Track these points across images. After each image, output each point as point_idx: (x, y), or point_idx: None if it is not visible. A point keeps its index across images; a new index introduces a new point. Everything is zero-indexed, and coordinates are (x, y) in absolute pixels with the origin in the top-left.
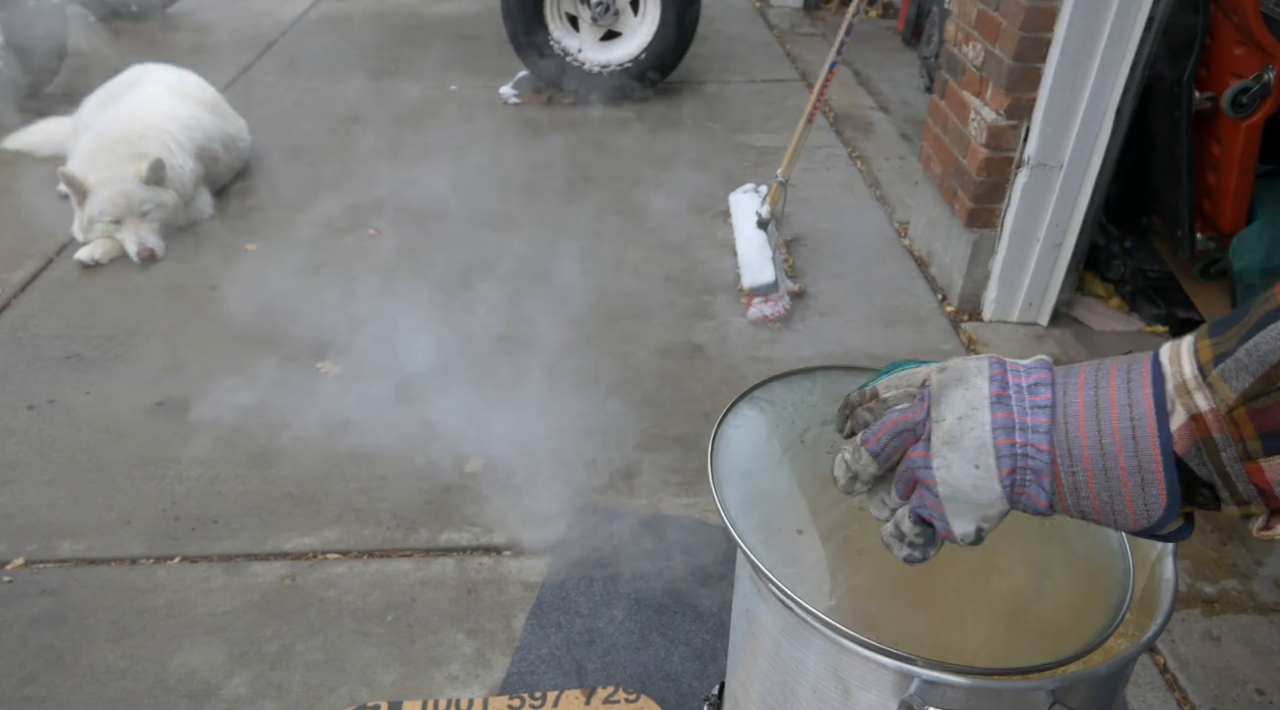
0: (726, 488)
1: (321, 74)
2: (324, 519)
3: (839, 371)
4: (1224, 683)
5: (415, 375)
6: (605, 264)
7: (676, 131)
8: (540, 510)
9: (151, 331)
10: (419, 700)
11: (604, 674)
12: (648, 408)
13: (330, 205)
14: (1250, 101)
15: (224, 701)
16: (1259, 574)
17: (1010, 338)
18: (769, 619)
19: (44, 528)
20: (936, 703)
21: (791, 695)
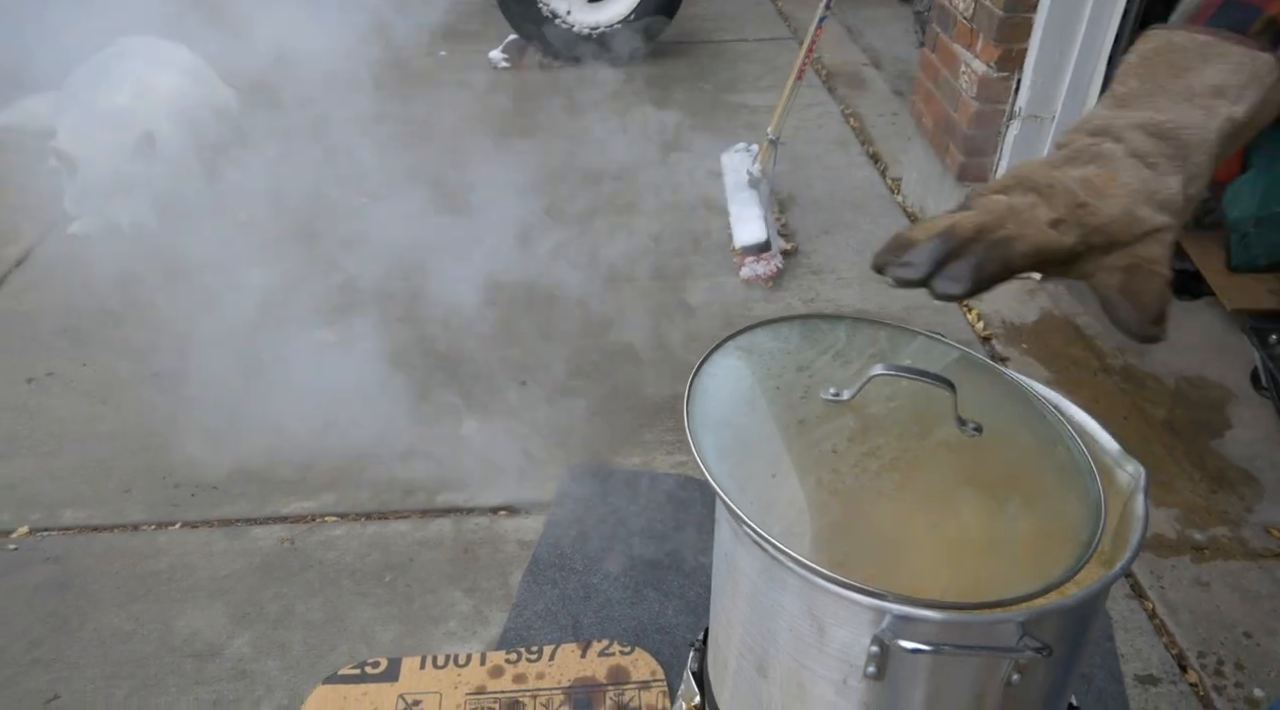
0: (703, 435)
1: (308, 42)
2: (321, 483)
3: (815, 320)
4: (1212, 627)
5: (414, 342)
6: (596, 226)
7: (667, 92)
8: (535, 471)
9: (147, 303)
10: (418, 656)
11: (599, 628)
12: (640, 368)
13: (320, 174)
14: None
15: (228, 660)
16: (1249, 521)
17: (1003, 291)
18: (746, 562)
19: (46, 497)
20: (908, 637)
21: (770, 636)
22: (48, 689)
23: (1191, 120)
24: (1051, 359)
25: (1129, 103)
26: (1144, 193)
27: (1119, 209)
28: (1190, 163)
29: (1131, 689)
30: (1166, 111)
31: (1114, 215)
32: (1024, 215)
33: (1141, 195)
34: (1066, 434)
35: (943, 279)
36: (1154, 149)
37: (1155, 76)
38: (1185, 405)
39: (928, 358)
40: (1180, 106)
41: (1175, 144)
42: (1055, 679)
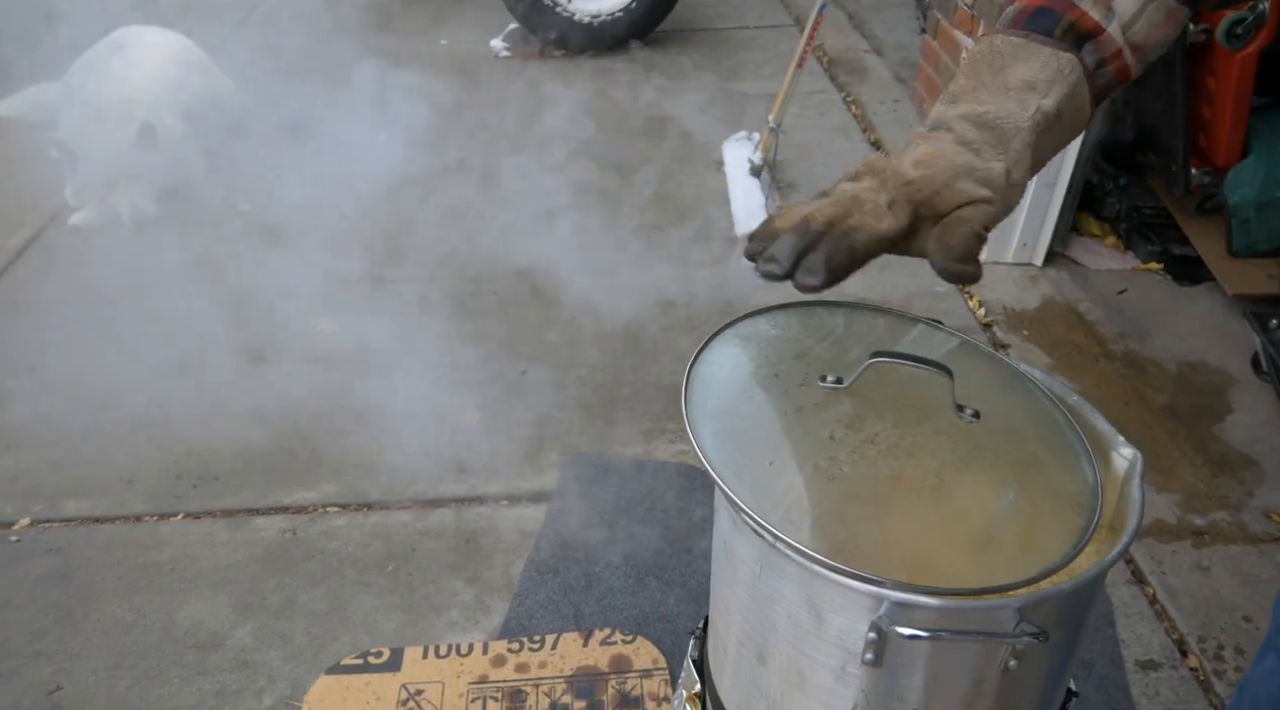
0: (701, 423)
1: (309, 34)
2: (323, 473)
3: (814, 307)
4: (1212, 611)
5: (413, 334)
6: (597, 216)
7: (669, 80)
8: (537, 461)
9: (148, 293)
10: (420, 646)
11: (601, 617)
12: (641, 356)
13: (323, 165)
14: (1245, 33)
15: (230, 651)
16: (1249, 505)
17: (1005, 278)
18: (744, 549)
19: (48, 488)
20: (906, 623)
21: (769, 623)
22: (50, 680)
23: (1008, 111)
24: (1053, 345)
25: (958, 98)
26: (966, 169)
27: (941, 182)
28: (1010, 149)
29: (1132, 674)
30: (987, 103)
31: (937, 188)
32: (866, 203)
33: (963, 171)
34: (1064, 420)
35: (801, 273)
36: (977, 137)
37: (979, 74)
38: (1186, 390)
39: (926, 345)
40: (999, 99)
41: (996, 132)
42: (1053, 664)
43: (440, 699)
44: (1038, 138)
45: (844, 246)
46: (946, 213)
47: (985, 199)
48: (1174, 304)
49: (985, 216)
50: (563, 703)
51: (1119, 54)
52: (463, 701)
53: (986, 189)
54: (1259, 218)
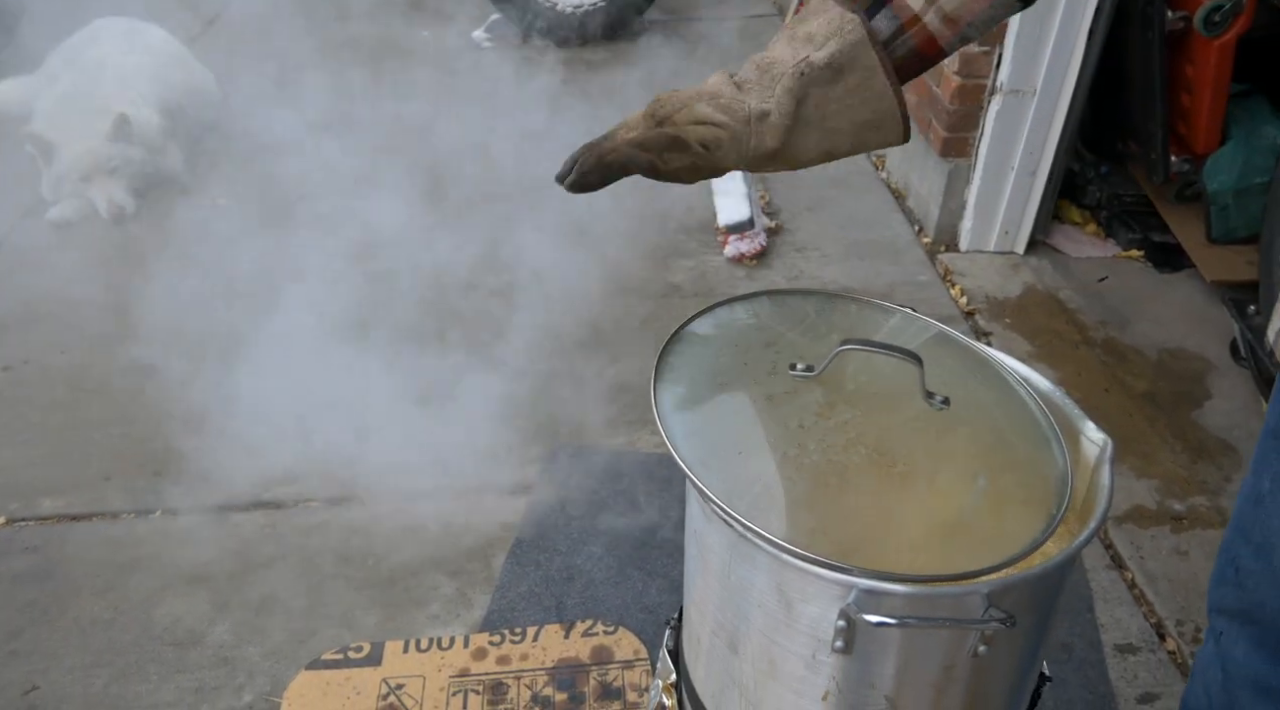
0: (670, 414)
1: (288, 26)
2: (302, 469)
3: (786, 296)
4: (1190, 595)
5: (393, 327)
6: (579, 208)
7: (652, 71)
8: (517, 453)
9: (124, 289)
10: (401, 640)
11: (583, 608)
12: (623, 347)
13: (303, 159)
14: (1223, 20)
15: (209, 648)
16: (1227, 490)
17: (987, 267)
18: (715, 539)
19: (24, 486)
20: (874, 611)
21: (740, 612)
22: (26, 680)
23: (781, 57)
24: (1034, 333)
25: (764, 45)
26: (710, 94)
27: (681, 101)
28: (775, 91)
29: (1111, 658)
30: (772, 50)
31: (677, 106)
32: (628, 121)
33: (707, 95)
34: (1035, 406)
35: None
36: (751, 77)
37: (785, 28)
38: (1166, 377)
39: (901, 333)
40: (782, 47)
41: (766, 75)
42: (1024, 649)
43: (421, 693)
44: (805, 88)
45: (595, 153)
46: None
47: (714, 121)
48: (1154, 291)
49: (707, 134)
50: (544, 694)
51: (917, 21)
52: (444, 695)
53: (722, 114)
54: (1237, 204)
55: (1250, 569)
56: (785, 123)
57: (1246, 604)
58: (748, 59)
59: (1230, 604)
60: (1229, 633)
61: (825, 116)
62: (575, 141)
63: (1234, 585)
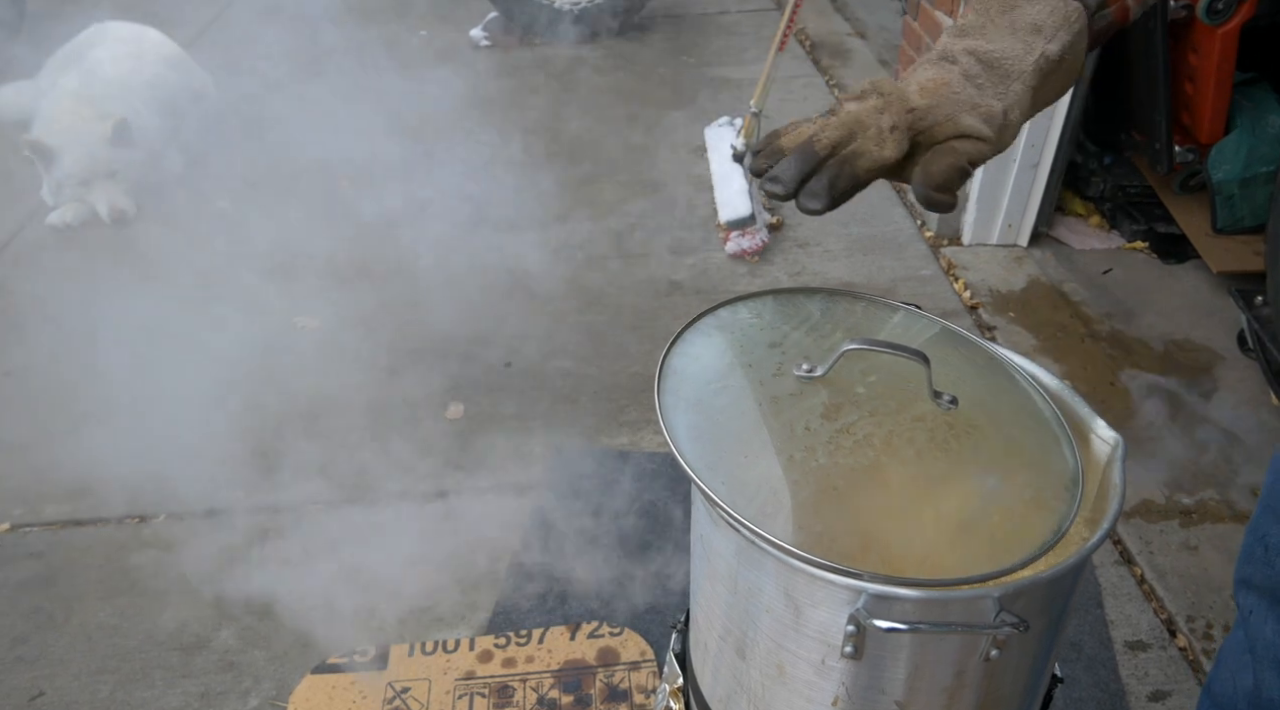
0: (675, 416)
1: (288, 25)
2: (305, 471)
3: (791, 295)
4: (1200, 590)
5: (394, 328)
6: (582, 204)
7: (650, 67)
8: (522, 453)
9: (126, 292)
10: (406, 643)
11: (588, 610)
12: (625, 346)
13: (302, 159)
14: (1226, 8)
15: (214, 653)
16: (1236, 483)
17: (990, 260)
18: (721, 544)
19: (28, 492)
20: (884, 616)
21: (748, 617)
22: (32, 686)
23: (1013, 51)
24: (1039, 327)
25: (966, 33)
26: (969, 103)
27: (944, 114)
28: (1010, 89)
29: (1121, 655)
30: (994, 41)
31: (940, 119)
32: (869, 128)
33: (966, 105)
34: (1044, 404)
35: (805, 196)
36: (981, 73)
37: (988, 11)
38: (1173, 369)
39: (906, 331)
40: (1005, 38)
41: (999, 71)
42: (1036, 652)
43: (427, 696)
44: (1041, 82)
45: (846, 172)
46: (941, 138)
47: (980, 136)
48: (1159, 282)
49: (976, 152)
50: (550, 697)
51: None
52: (450, 698)
53: (986, 126)
54: (1243, 194)
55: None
56: (1022, 119)
57: (1276, 582)
58: (951, 45)
59: (1259, 581)
60: (1258, 612)
61: (1044, 97)
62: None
63: (1263, 563)
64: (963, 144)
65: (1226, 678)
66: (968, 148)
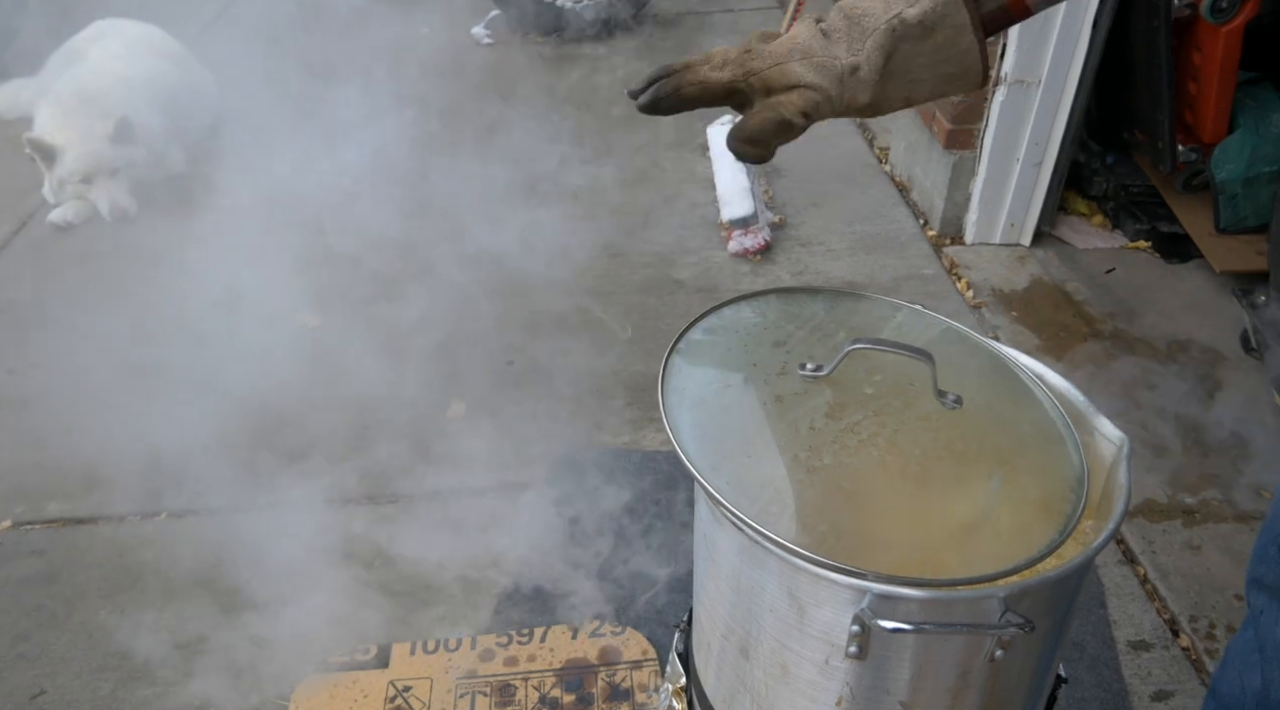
0: (679, 414)
1: (288, 25)
2: (307, 470)
3: (794, 294)
4: (1203, 590)
5: (398, 327)
6: (584, 203)
7: (653, 65)
8: (524, 451)
9: (128, 291)
10: (408, 642)
11: (590, 608)
12: (628, 344)
13: (303, 158)
14: (1230, 6)
15: (216, 650)
16: (1239, 483)
17: (993, 259)
18: (725, 543)
19: (30, 490)
20: (889, 616)
21: (751, 617)
22: (33, 684)
23: (873, 10)
24: (1041, 326)
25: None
26: (803, 51)
27: (775, 58)
28: (864, 47)
29: (1124, 655)
30: (862, 1)
31: (770, 62)
32: (715, 58)
33: (800, 53)
34: (1049, 404)
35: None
36: (840, 26)
37: None
38: (1176, 368)
39: (910, 330)
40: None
41: (857, 27)
42: (1041, 652)
43: (429, 695)
44: (895, 44)
45: (673, 81)
46: (776, 88)
47: (810, 85)
48: (1162, 282)
49: (805, 102)
50: (552, 696)
51: None
52: (451, 697)
53: (818, 76)
54: (1246, 194)
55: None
56: (874, 78)
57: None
58: (835, 5)
59: (1272, 581)
60: (1269, 612)
61: (910, 69)
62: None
63: (1275, 563)
64: (790, 96)
65: (1233, 678)
66: (795, 99)
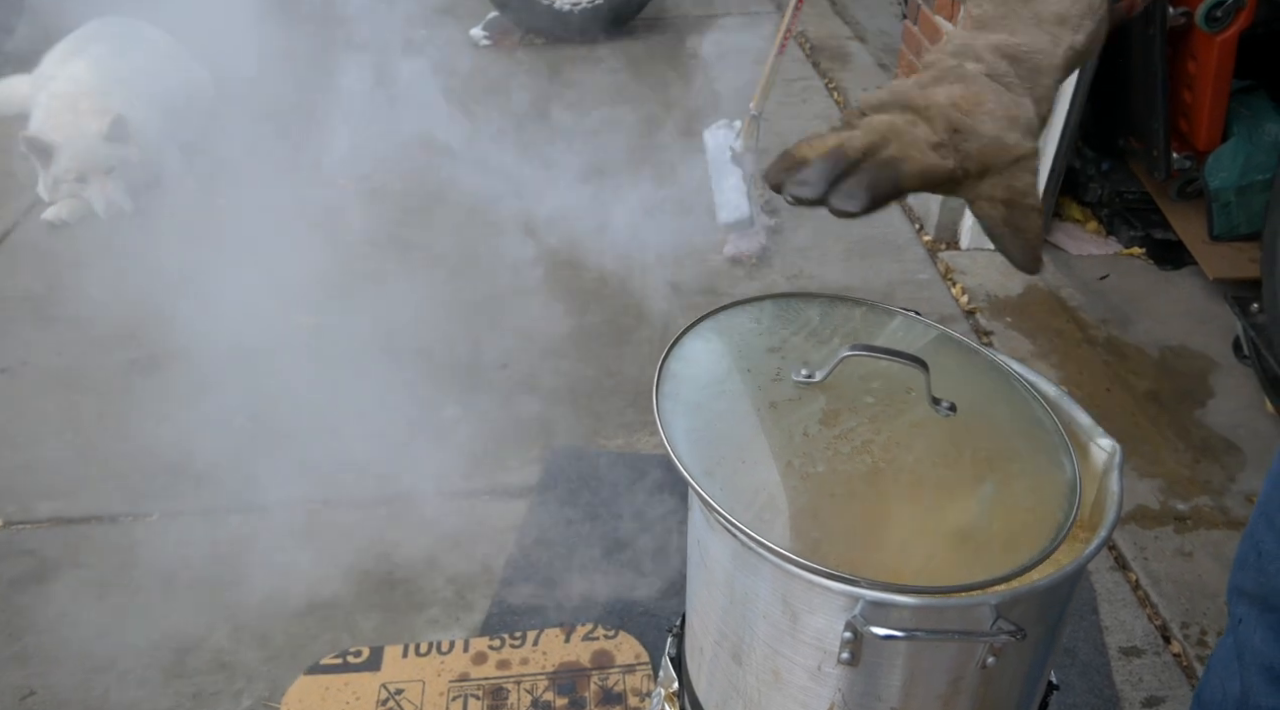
0: (673, 420)
1: (286, 26)
2: (301, 470)
3: (789, 299)
4: (1195, 597)
5: (397, 328)
6: (579, 205)
7: (651, 68)
8: (518, 455)
9: (122, 289)
10: (400, 644)
11: (583, 612)
12: (622, 348)
13: (300, 158)
14: (1224, 15)
15: (208, 652)
16: (1231, 490)
17: (988, 265)
18: (718, 548)
19: (22, 489)
20: (881, 623)
21: (744, 623)
22: (24, 685)
23: (1041, 45)
24: (1035, 332)
25: (986, 25)
26: (1008, 117)
27: (989, 136)
28: (1040, 85)
29: (1115, 661)
30: (1020, 34)
31: (985, 142)
32: (906, 136)
33: (1006, 120)
34: (1042, 411)
35: (839, 196)
36: (1008, 70)
37: (1009, 2)
38: (1168, 376)
39: (904, 337)
40: (1031, 31)
41: (1027, 67)
42: (1033, 659)
43: (421, 698)
44: (1065, 76)
45: (888, 174)
46: (995, 168)
47: (1030, 152)
48: (1156, 288)
49: (1035, 178)
50: (544, 699)
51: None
52: (443, 700)
53: (1029, 139)
54: (1239, 201)
55: (1273, 553)
56: (1049, 112)
57: (1267, 590)
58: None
59: (1251, 588)
60: (1248, 620)
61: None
62: None
63: (1255, 570)
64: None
65: (1216, 685)
66: (1029, 178)
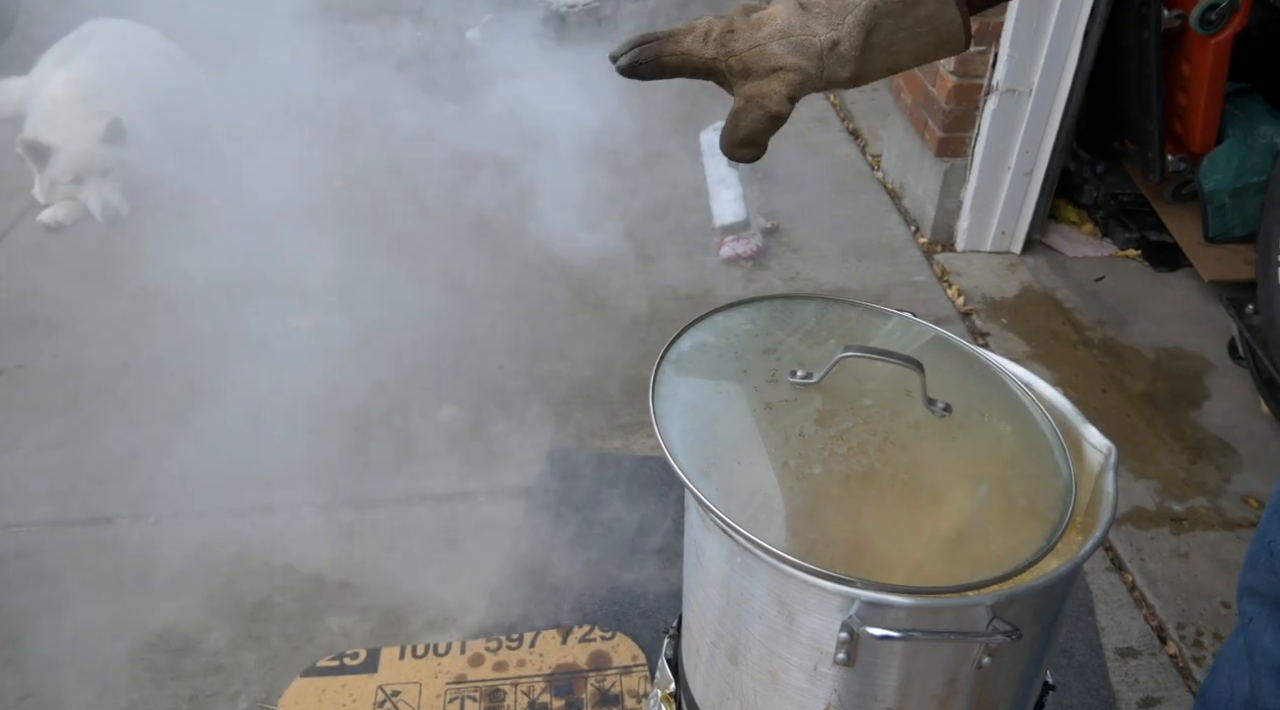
0: (669, 420)
1: (284, 25)
2: (298, 473)
3: (786, 300)
4: (1191, 598)
5: (385, 329)
6: (575, 206)
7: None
8: (515, 456)
9: (119, 292)
10: (397, 646)
11: (580, 614)
12: (619, 349)
13: (295, 159)
14: (1219, 18)
15: (204, 655)
16: (1227, 491)
17: (983, 267)
18: (714, 549)
19: (17, 491)
20: (877, 623)
21: (740, 623)
22: (19, 687)
23: None
24: (1031, 333)
25: None
26: (783, 31)
27: (755, 40)
28: (845, 22)
29: (1111, 662)
30: None
31: (750, 44)
32: (697, 29)
33: (780, 33)
34: (1038, 412)
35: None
36: (819, 1)
37: None
38: (1164, 377)
39: (900, 338)
40: None
41: (836, 2)
42: (1028, 659)
43: (418, 700)
44: (877, 20)
45: (656, 49)
46: (755, 71)
47: (790, 67)
48: (1151, 290)
49: (788, 87)
50: (541, 701)
51: None
52: (440, 702)
53: (798, 57)
54: (1234, 203)
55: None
56: (855, 53)
57: (1278, 590)
58: None
59: (1263, 588)
60: (1259, 620)
61: (892, 42)
62: None
63: (1267, 569)
64: (772, 84)
65: (1223, 685)
66: (777, 87)
